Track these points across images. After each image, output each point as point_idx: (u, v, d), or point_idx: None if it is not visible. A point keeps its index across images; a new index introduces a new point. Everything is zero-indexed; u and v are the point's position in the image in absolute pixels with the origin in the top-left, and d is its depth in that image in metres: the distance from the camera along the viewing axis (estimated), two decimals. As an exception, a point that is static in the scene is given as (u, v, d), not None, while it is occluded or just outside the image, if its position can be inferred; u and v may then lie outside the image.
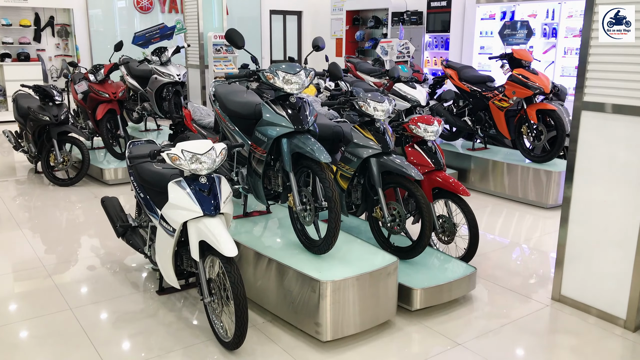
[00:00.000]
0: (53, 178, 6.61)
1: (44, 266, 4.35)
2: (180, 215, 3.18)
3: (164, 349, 3.22)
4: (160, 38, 7.68)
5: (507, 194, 6.25)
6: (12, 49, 11.22)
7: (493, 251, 4.81)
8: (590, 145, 3.58)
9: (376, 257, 3.50)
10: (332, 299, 3.15)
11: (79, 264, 4.44)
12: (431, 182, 4.30)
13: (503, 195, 6.31)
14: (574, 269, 3.76)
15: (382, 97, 4.00)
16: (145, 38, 7.53)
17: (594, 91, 3.52)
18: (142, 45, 7.64)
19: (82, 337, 3.34)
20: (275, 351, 3.23)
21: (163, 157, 3.18)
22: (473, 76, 6.72)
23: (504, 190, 6.27)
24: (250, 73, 3.54)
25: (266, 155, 3.59)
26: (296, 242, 3.67)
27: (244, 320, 3.02)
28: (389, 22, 12.15)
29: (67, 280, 4.15)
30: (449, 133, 7.29)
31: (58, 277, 4.18)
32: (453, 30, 10.97)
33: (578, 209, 3.69)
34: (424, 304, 3.62)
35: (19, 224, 5.35)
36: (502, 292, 4.04)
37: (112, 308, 3.72)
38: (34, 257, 4.53)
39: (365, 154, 3.90)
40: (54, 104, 6.53)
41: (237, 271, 3.03)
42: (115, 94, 6.92)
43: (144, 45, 7.70)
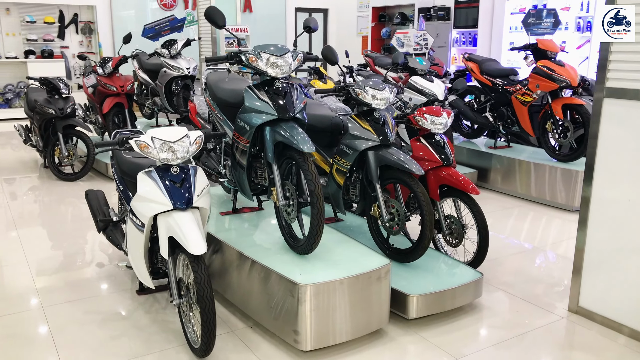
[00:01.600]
0: (58, 172, 6.47)
1: (27, 262, 4.15)
2: (149, 208, 2.91)
3: (131, 355, 2.95)
4: (170, 30, 7.49)
5: (530, 195, 5.80)
6: (37, 46, 11.26)
7: (510, 256, 4.40)
8: (613, 138, 3.16)
9: (368, 260, 3.15)
10: (312, 304, 2.83)
11: (64, 261, 4.23)
12: (438, 178, 3.93)
13: (526, 197, 5.86)
14: (594, 278, 3.34)
15: (382, 85, 3.66)
16: (155, 30, 7.36)
17: (619, 75, 3.10)
18: (152, 37, 7.46)
19: (46, 339, 3.10)
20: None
21: (131, 144, 2.92)
22: (495, 69, 6.29)
23: (527, 191, 5.82)
24: (232, 55, 3.24)
25: (249, 145, 3.29)
26: (284, 242, 3.36)
27: (210, 325, 2.73)
28: (416, 18, 11.75)
29: (47, 277, 3.93)
30: (470, 130, 6.86)
31: (38, 273, 3.97)
32: (481, 25, 10.51)
33: (599, 210, 3.27)
34: (421, 312, 3.26)
35: (15, 218, 5.20)
36: (513, 301, 3.63)
37: (87, 308, 3.48)
38: (19, 252, 4.34)
39: (362, 146, 3.56)
40: (61, 97, 6.40)
41: (204, 271, 2.73)
42: (123, 88, 6.75)
43: (154, 38, 7.53)
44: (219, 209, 4.04)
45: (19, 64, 11.04)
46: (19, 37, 11.20)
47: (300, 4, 14.21)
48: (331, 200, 3.95)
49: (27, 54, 11.10)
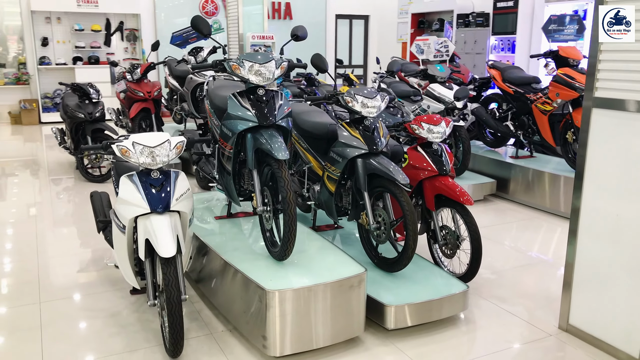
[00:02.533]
0: (86, 174, 6.75)
1: (37, 258, 4.36)
2: (128, 210, 3.01)
3: (108, 352, 3.06)
4: (197, 38, 7.69)
5: (548, 207, 5.60)
6: (84, 53, 11.80)
7: (512, 269, 4.27)
8: (601, 150, 3.03)
9: (344, 268, 3.14)
10: (279, 310, 2.85)
11: (71, 259, 4.42)
12: (434, 188, 3.88)
13: (544, 209, 5.66)
14: (584, 294, 3.20)
15: (372, 93, 3.64)
16: (182, 38, 7.57)
17: (608, 85, 2.98)
18: (180, 45, 7.69)
19: (35, 333, 3.25)
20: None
21: (113, 149, 3.03)
22: (517, 77, 6.12)
23: (545, 202, 5.64)
24: (217, 63, 3.32)
25: (234, 151, 3.35)
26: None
27: (177, 327, 2.79)
28: (454, 24, 11.57)
29: (52, 273, 4.12)
30: (493, 139, 6.70)
31: (45, 270, 4.17)
32: (520, 31, 10.23)
33: (588, 221, 3.14)
34: (400, 323, 3.21)
35: (40, 217, 5.47)
36: (502, 315, 3.53)
37: (80, 305, 3.62)
38: (32, 249, 4.57)
39: (350, 154, 3.56)
40: (91, 102, 6.69)
41: (173, 273, 2.80)
42: (150, 93, 6.98)
43: (182, 45, 7.75)
44: (216, 213, 4.12)
45: (68, 69, 11.59)
46: (68, 44, 11.78)
47: (341, 10, 14.27)
48: (323, 207, 3.96)
49: (75, 61, 11.64)
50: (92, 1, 11.39)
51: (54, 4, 11.28)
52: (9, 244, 4.74)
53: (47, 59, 11.52)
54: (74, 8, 11.36)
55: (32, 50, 11.38)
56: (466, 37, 11.30)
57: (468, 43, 11.26)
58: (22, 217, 5.52)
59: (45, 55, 11.53)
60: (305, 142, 4.07)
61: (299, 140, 4.12)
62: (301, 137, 4.10)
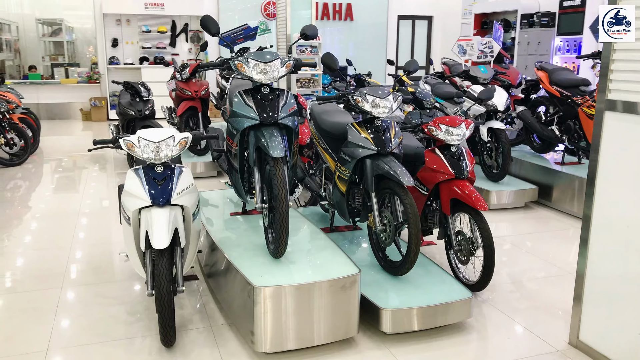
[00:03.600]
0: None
1: (71, 245, 4.62)
2: (131, 203, 3.13)
3: (109, 337, 3.19)
4: (244, 39, 7.85)
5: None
6: (150, 53, 12.33)
7: (533, 280, 4.08)
8: (614, 156, 2.83)
9: (338, 268, 3.12)
10: (265, 306, 2.86)
11: (102, 247, 4.64)
12: (449, 192, 3.77)
13: (588, 219, 5.35)
14: (595, 309, 3.00)
15: (384, 93, 3.59)
16: (230, 39, 7.73)
17: (622, 87, 2.78)
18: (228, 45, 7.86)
19: (49, 316, 3.44)
20: (211, 356, 3.02)
21: (120, 144, 3.17)
22: (566, 79, 5.82)
23: (588, 212, 5.32)
24: (223, 61, 3.38)
25: (239, 149, 3.40)
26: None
27: (166, 317, 2.88)
28: (518, 25, 11.15)
29: (79, 261, 4.35)
30: (540, 144, 6.41)
31: (75, 256, 4.40)
32: (587, 32, 9.71)
33: (600, 230, 2.94)
34: (396, 327, 3.15)
35: (84, 208, 5.79)
36: (509, 326, 3.38)
37: (97, 291, 3.80)
38: (69, 237, 4.84)
39: (359, 154, 3.53)
40: (141, 99, 7.00)
41: (165, 265, 2.89)
42: (197, 92, 7.20)
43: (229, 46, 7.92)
44: (231, 209, 4.21)
45: (135, 69, 12.16)
46: (136, 45, 12.37)
47: (404, 11, 14.10)
48: (336, 207, 3.95)
49: (142, 61, 12.20)
50: (159, 4, 11.89)
51: (124, 7, 11.88)
52: (82, 233, 5.00)
53: (116, 59, 12.14)
54: (142, 10, 11.90)
55: (103, 51, 12.03)
56: (529, 38, 10.86)
57: (531, 44, 10.82)
58: (96, 208, 5.85)
59: (115, 56, 12.16)
60: (324, 142, 4.07)
61: (319, 140, 4.13)
62: (321, 137, 4.10)
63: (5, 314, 3.52)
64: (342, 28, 13.54)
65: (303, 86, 8.65)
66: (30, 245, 4.75)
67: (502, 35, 7.80)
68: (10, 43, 13.96)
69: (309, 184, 4.54)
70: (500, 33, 7.19)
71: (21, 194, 6.45)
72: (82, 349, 3.08)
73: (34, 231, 5.11)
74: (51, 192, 6.63)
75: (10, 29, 13.89)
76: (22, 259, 4.42)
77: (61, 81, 12.21)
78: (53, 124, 11.61)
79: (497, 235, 5.07)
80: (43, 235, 4.99)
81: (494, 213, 5.62)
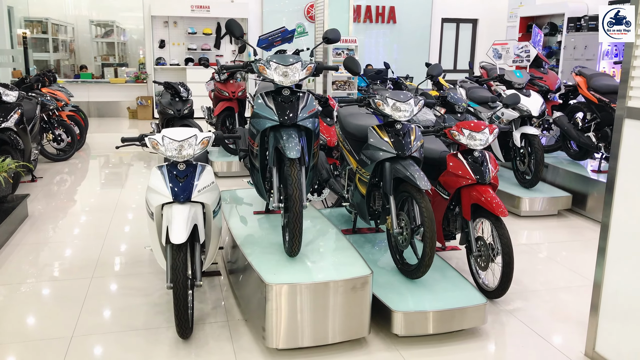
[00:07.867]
0: (172, 166, 7.29)
1: (105, 238, 4.82)
2: (154, 199, 3.26)
3: (129, 327, 3.34)
4: (281, 41, 7.94)
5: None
6: (195, 55, 12.65)
7: (557, 289, 4.00)
8: (634, 165, 2.77)
9: (350, 269, 3.16)
10: (276, 303, 2.94)
11: (134, 241, 4.82)
12: (470, 197, 3.76)
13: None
14: (612, 320, 2.94)
15: (406, 97, 3.61)
16: (268, 41, 7.85)
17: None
18: (265, 48, 7.99)
19: (77, 303, 3.62)
20: (224, 350, 3.12)
21: (146, 142, 3.31)
22: (604, 85, 5.67)
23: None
24: (246, 64, 3.48)
25: (259, 149, 3.49)
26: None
27: (181, 309, 2.99)
28: (564, 28, 10.87)
29: (114, 251, 4.54)
30: (577, 151, 6.25)
31: (107, 249, 4.60)
32: (637, 36, 9.37)
33: (619, 239, 2.88)
34: (408, 330, 3.16)
35: (120, 204, 6.02)
36: (525, 335, 3.33)
37: (124, 283, 3.97)
38: (104, 229, 5.06)
39: (378, 157, 3.56)
40: (181, 99, 7.22)
41: (182, 259, 3.01)
42: (234, 93, 7.37)
43: (267, 49, 8.05)
44: (256, 208, 4.31)
45: (180, 70, 12.50)
46: (182, 46, 12.72)
47: (448, 14, 13.97)
48: (356, 209, 3.99)
49: (187, 62, 12.53)
50: (205, 6, 12.19)
51: (171, 10, 12.24)
52: (117, 227, 5.23)
53: (163, 59, 12.52)
54: (188, 13, 12.24)
55: (150, 52, 12.43)
56: (576, 42, 10.57)
57: (578, 48, 10.53)
58: (134, 203, 6.09)
59: (162, 56, 12.53)
60: (348, 144, 4.12)
61: (344, 142, 4.18)
62: (345, 139, 4.15)
63: (38, 300, 3.72)
64: (385, 31, 13.53)
65: (338, 88, 8.70)
66: (70, 237, 4.98)
67: (541, 39, 7.65)
68: (66, 43, 14.61)
69: (333, 185, 4.60)
70: (539, 37, 7.05)
71: (67, 188, 6.76)
72: (104, 337, 3.23)
73: (75, 224, 5.36)
74: (94, 186, 6.93)
75: (66, 30, 14.54)
76: (61, 250, 4.65)
77: (110, 80, 12.69)
78: (101, 122, 12.08)
79: (527, 242, 5.00)
80: (82, 228, 5.23)
81: (525, 220, 5.53)
